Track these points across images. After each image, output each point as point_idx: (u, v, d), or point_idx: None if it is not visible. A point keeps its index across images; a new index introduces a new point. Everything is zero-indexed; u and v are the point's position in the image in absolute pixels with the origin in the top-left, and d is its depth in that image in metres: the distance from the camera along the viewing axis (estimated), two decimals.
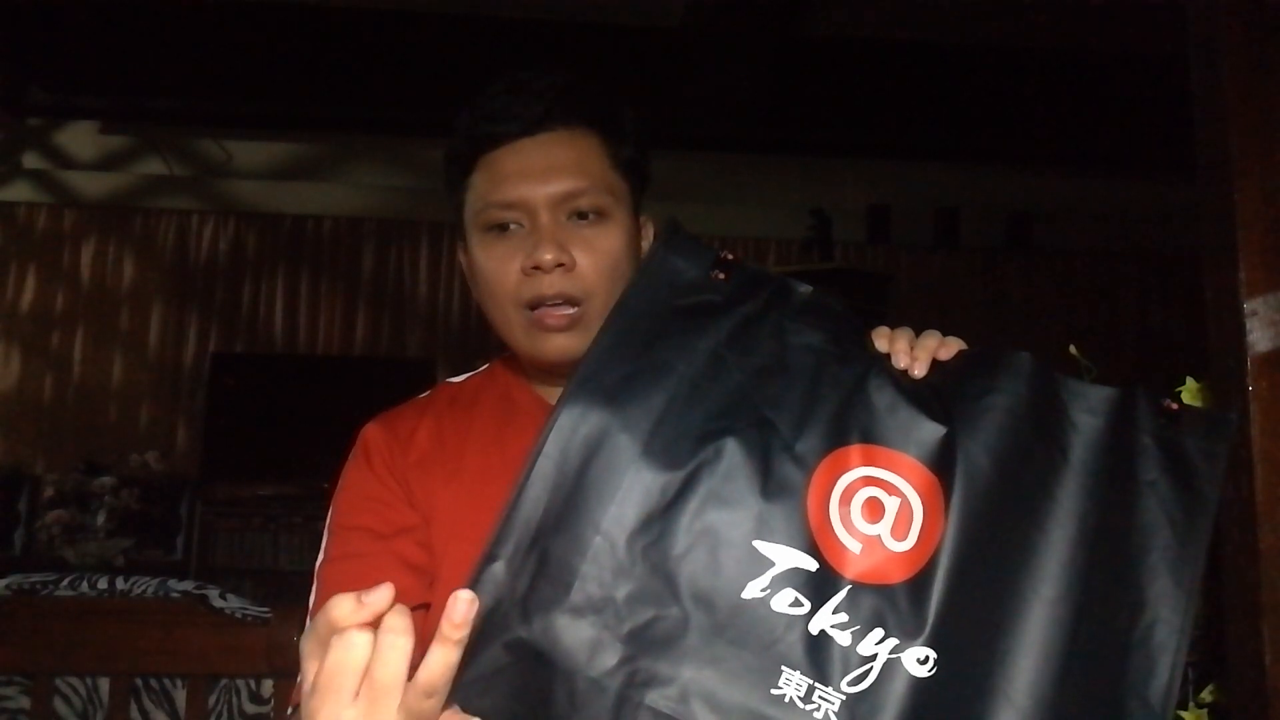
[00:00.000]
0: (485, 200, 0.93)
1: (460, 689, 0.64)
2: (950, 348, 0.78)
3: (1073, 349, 0.91)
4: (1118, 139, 4.41)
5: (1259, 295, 0.76)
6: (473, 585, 0.65)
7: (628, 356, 0.70)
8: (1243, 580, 0.75)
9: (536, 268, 0.90)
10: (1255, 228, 0.77)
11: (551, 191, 0.91)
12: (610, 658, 0.63)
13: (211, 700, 1.55)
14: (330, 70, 4.07)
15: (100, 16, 3.80)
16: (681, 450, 0.67)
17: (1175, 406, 0.73)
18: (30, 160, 4.82)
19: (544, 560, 0.65)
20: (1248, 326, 0.76)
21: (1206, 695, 0.84)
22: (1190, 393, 0.85)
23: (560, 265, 0.90)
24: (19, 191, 4.80)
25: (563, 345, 0.92)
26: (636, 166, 0.98)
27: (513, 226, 0.93)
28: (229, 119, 4.67)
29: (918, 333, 0.80)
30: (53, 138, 4.81)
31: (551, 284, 0.91)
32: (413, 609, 0.87)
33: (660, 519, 0.66)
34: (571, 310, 0.92)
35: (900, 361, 0.76)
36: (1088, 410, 0.72)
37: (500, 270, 0.93)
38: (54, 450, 4.65)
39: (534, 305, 0.92)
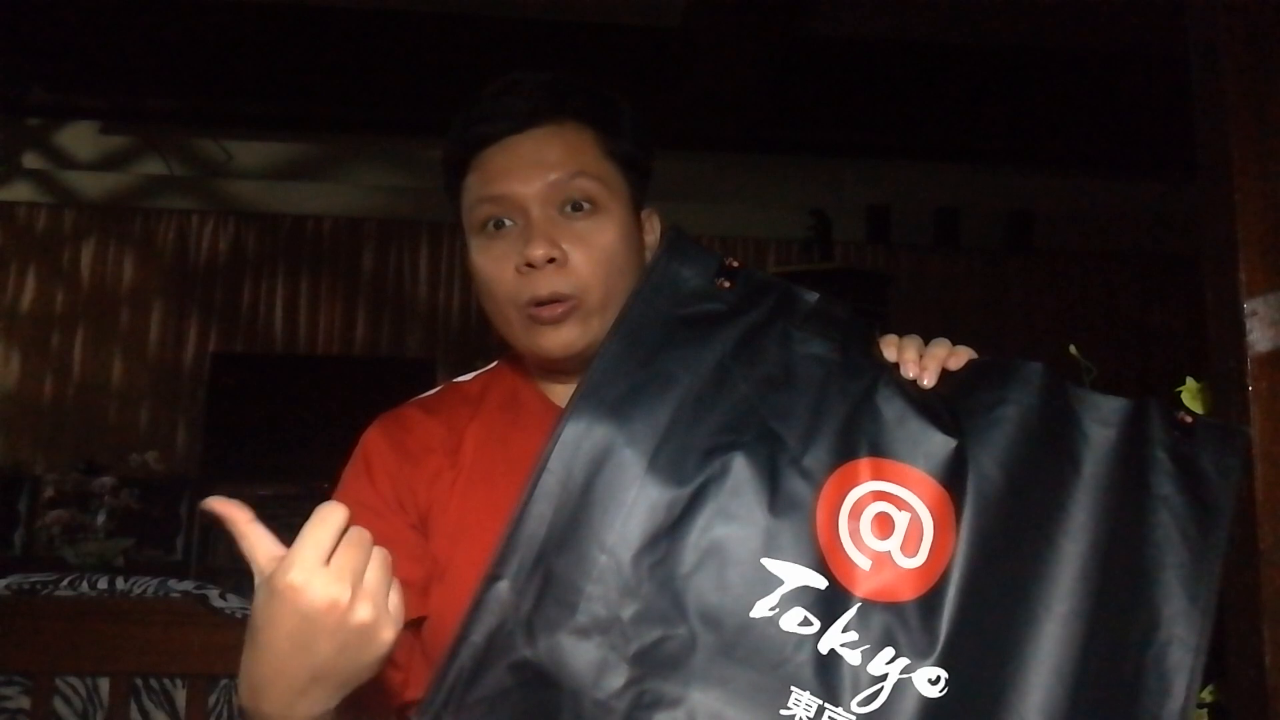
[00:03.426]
0: (476, 197, 0.94)
1: (465, 710, 0.63)
2: (960, 357, 0.78)
3: (1073, 349, 0.91)
4: (1118, 139, 4.41)
5: (1259, 295, 0.76)
6: (477, 605, 0.64)
7: (632, 368, 0.69)
8: (1243, 580, 0.75)
9: (529, 265, 0.90)
10: (1255, 228, 0.77)
11: (540, 184, 0.91)
12: (617, 679, 0.63)
13: (211, 700, 1.55)
14: (330, 70, 4.06)
15: (100, 16, 3.80)
16: (688, 466, 0.66)
17: (1188, 419, 0.72)
18: (30, 160, 4.82)
19: (548, 579, 0.64)
20: (1248, 326, 0.76)
21: (1206, 695, 0.84)
22: (1190, 393, 0.85)
23: (552, 260, 0.90)
24: (19, 191, 4.80)
25: (562, 339, 0.92)
26: (634, 161, 0.98)
27: (507, 223, 0.93)
28: (229, 119, 4.67)
29: (926, 341, 0.79)
30: (53, 138, 4.81)
31: (546, 282, 0.90)
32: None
33: (667, 537, 0.65)
34: (567, 303, 0.91)
35: (909, 371, 0.76)
36: (1099, 421, 0.71)
37: (496, 271, 0.93)
38: (54, 450, 4.65)
39: (529, 304, 0.92)
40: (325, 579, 0.65)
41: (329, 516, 0.67)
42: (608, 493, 0.66)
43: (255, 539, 0.69)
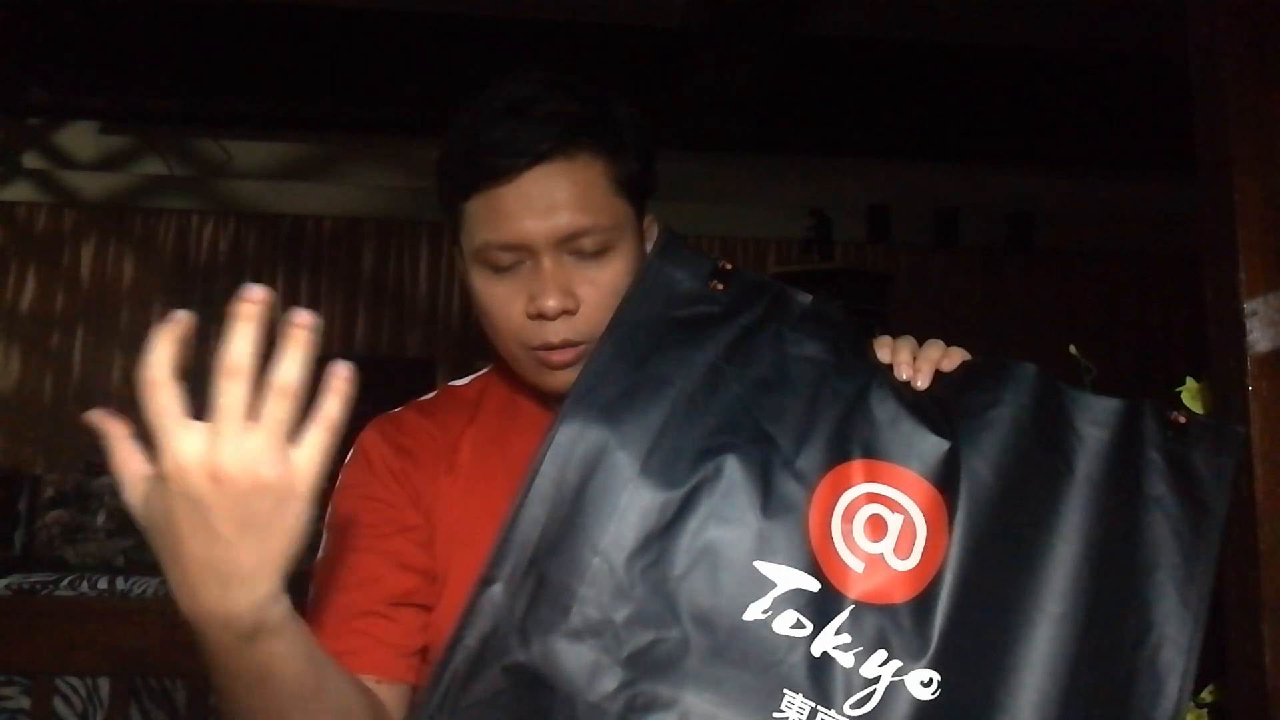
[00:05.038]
0: (484, 238, 0.90)
1: (459, 714, 0.63)
2: (953, 358, 0.78)
3: (1073, 349, 0.91)
4: (1118, 139, 4.40)
5: (1259, 295, 0.76)
6: (471, 608, 0.64)
7: (625, 371, 0.69)
8: (1243, 580, 0.75)
9: (540, 314, 0.88)
10: (1255, 228, 0.77)
11: (552, 231, 0.88)
12: (610, 681, 0.63)
13: (211, 700, 1.55)
14: (330, 70, 4.06)
15: (100, 16, 3.80)
16: (680, 468, 0.66)
17: (1182, 419, 0.72)
18: (30, 160, 4.82)
19: (542, 582, 0.64)
20: (1248, 326, 0.76)
21: (1206, 695, 0.84)
22: (1190, 393, 0.85)
23: (565, 311, 0.88)
24: (19, 191, 4.80)
25: (568, 380, 0.89)
26: (641, 179, 0.95)
27: (514, 264, 0.90)
28: (229, 119, 4.66)
29: (920, 341, 0.79)
30: (53, 138, 4.81)
31: (556, 331, 0.88)
32: (414, 608, 0.88)
33: (659, 539, 0.65)
34: (578, 348, 0.89)
35: (903, 373, 0.75)
36: (1093, 422, 0.71)
37: (503, 311, 0.91)
38: (54, 450, 4.65)
39: (539, 348, 0.90)
40: (197, 453, 0.57)
41: (157, 376, 0.59)
42: (601, 495, 0.65)
43: (126, 454, 0.61)
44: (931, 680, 0.63)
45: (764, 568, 0.64)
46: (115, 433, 0.62)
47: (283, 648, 0.64)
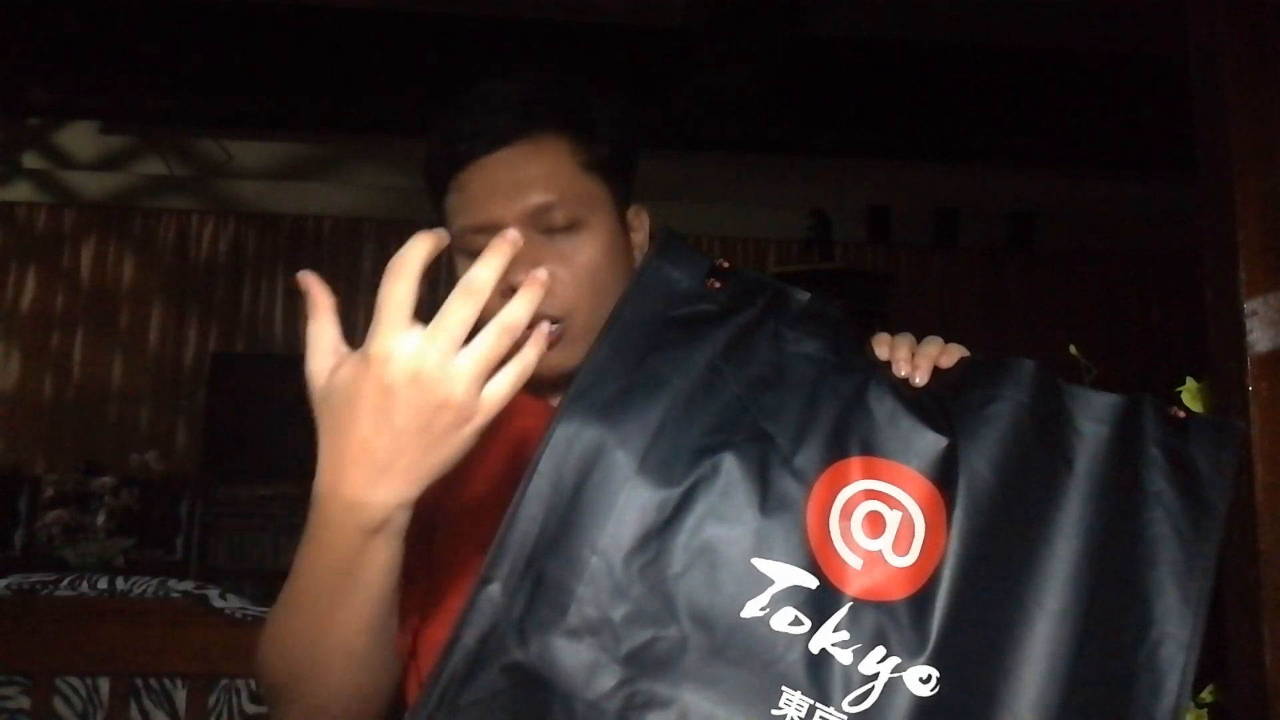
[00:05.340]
0: (460, 225, 0.93)
1: (458, 713, 0.63)
2: (952, 355, 0.77)
3: (1073, 349, 0.91)
4: (1118, 139, 4.41)
5: (1259, 295, 0.76)
6: (469, 608, 0.64)
7: (622, 370, 0.69)
8: (1243, 580, 0.75)
9: (511, 290, 0.90)
10: (1255, 228, 0.77)
11: (519, 209, 0.90)
12: (608, 680, 0.62)
13: (211, 700, 1.55)
14: (330, 70, 4.07)
15: (100, 16, 3.80)
16: (678, 466, 0.66)
17: (1182, 415, 0.72)
18: (30, 160, 4.82)
19: (540, 582, 0.64)
20: (1248, 326, 0.76)
21: (1206, 695, 0.84)
22: (1190, 393, 0.85)
23: None
24: (19, 191, 4.80)
25: (549, 362, 0.91)
26: (614, 164, 0.96)
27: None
28: (229, 119, 4.67)
29: (919, 339, 0.79)
30: (53, 138, 4.81)
31: None
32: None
33: (657, 538, 0.64)
34: (552, 328, 0.90)
35: (901, 370, 0.75)
36: (1093, 418, 0.71)
37: None
38: (54, 450, 4.65)
39: None
40: (410, 350, 0.61)
41: (408, 268, 0.63)
42: (598, 494, 0.65)
43: (326, 324, 0.65)
44: (930, 677, 0.63)
45: (762, 565, 0.64)
46: (320, 301, 0.65)
47: (386, 558, 0.67)
